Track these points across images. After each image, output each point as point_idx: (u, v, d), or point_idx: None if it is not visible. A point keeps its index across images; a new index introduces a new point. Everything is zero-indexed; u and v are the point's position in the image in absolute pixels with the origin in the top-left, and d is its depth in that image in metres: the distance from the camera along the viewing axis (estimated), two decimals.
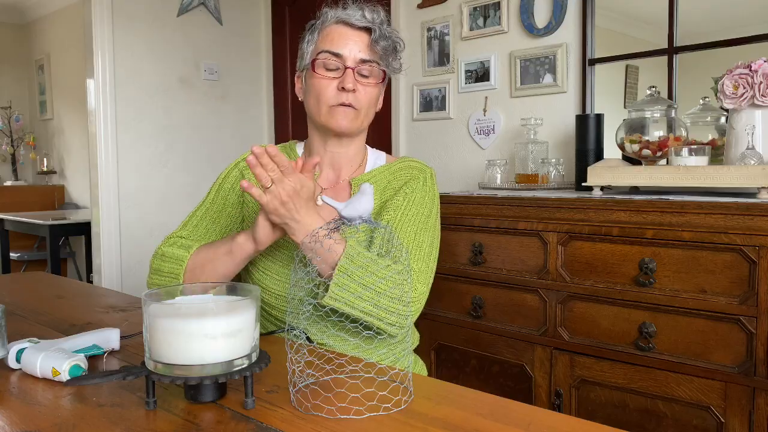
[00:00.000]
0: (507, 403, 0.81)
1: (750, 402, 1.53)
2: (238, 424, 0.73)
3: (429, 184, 1.24)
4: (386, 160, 1.30)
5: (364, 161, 1.28)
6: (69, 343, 0.95)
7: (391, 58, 1.20)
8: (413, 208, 1.19)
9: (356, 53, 1.16)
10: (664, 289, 1.66)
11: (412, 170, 1.25)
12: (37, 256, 5.04)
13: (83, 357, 0.89)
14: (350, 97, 1.16)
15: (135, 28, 3.42)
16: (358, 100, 1.17)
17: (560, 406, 1.87)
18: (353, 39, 1.17)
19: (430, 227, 1.20)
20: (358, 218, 0.85)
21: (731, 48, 2.05)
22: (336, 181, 1.25)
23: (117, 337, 1.01)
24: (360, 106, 1.18)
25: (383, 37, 1.17)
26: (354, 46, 1.16)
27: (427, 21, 2.97)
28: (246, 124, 3.87)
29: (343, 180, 1.25)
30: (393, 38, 1.19)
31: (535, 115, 2.52)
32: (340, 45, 1.16)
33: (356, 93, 1.16)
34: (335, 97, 1.16)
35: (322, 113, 1.18)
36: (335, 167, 1.25)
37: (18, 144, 5.76)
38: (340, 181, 1.25)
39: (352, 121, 1.18)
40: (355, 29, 1.17)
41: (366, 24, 1.17)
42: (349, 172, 1.26)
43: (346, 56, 1.16)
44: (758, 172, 1.59)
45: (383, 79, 1.20)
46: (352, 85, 1.15)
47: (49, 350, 0.89)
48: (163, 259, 1.17)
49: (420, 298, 1.13)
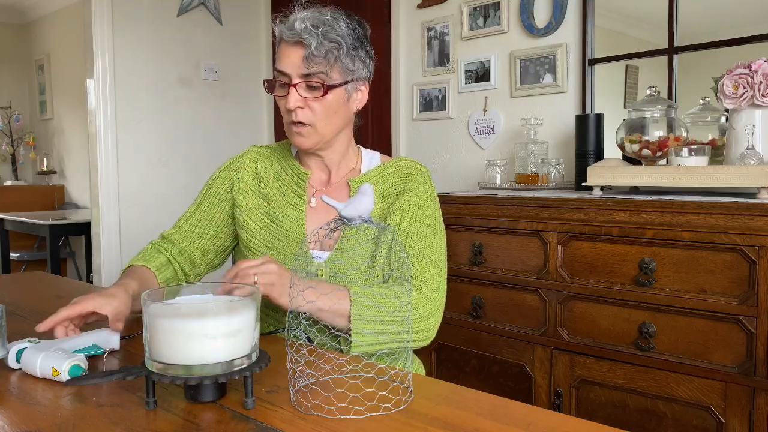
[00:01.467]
0: (507, 403, 0.81)
1: (750, 402, 1.53)
2: (238, 424, 0.73)
3: (428, 184, 1.25)
4: (381, 160, 1.30)
5: (358, 161, 1.29)
6: (69, 343, 0.95)
7: (339, 63, 1.13)
8: (420, 215, 1.20)
9: (297, 69, 1.12)
10: (664, 289, 1.66)
11: (411, 170, 1.25)
12: (37, 256, 5.04)
13: (83, 357, 0.89)
14: (299, 115, 1.14)
15: (135, 28, 3.42)
16: (308, 116, 1.15)
17: (560, 406, 1.87)
18: (291, 54, 1.12)
19: (437, 229, 1.22)
20: (358, 218, 0.85)
21: (731, 48, 2.05)
22: (328, 181, 1.27)
23: (117, 338, 1.01)
24: (311, 121, 1.15)
25: (321, 44, 1.10)
26: (293, 61, 1.12)
27: (427, 21, 2.97)
28: (246, 124, 3.87)
29: (338, 181, 1.26)
30: (335, 40, 1.12)
31: (535, 115, 2.52)
32: (283, 62, 1.14)
33: (305, 110, 1.14)
34: (288, 115, 1.16)
35: (286, 132, 1.20)
36: (324, 169, 1.27)
37: (18, 144, 5.76)
38: (332, 182, 1.26)
39: (308, 138, 1.17)
40: (291, 44, 1.13)
41: (296, 38, 1.11)
42: (341, 172, 1.27)
43: (289, 73, 1.13)
44: (758, 172, 1.59)
45: (326, 90, 1.12)
46: (294, 104, 1.13)
47: (49, 350, 0.89)
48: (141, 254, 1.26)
49: (437, 306, 1.16)
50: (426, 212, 1.21)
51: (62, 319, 0.99)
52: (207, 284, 0.89)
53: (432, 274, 1.17)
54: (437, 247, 1.20)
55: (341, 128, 1.22)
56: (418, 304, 1.13)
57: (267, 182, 1.27)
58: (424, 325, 1.12)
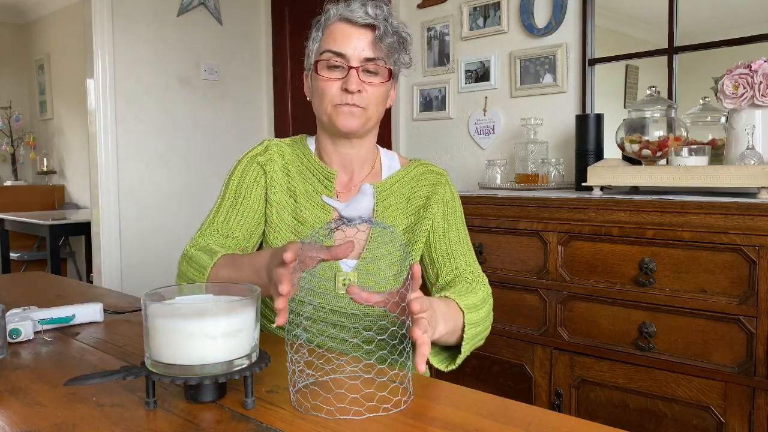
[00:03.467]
0: (507, 403, 0.81)
1: (750, 402, 1.53)
2: (238, 424, 0.73)
3: (451, 185, 1.28)
4: (399, 162, 1.28)
5: (377, 162, 1.26)
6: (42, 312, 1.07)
7: (398, 53, 1.15)
8: (451, 215, 1.24)
9: (360, 52, 1.12)
10: (664, 289, 1.66)
11: (433, 174, 1.25)
12: (37, 256, 5.04)
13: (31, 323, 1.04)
14: (355, 98, 1.12)
15: (135, 28, 3.42)
16: (364, 100, 1.13)
17: (560, 406, 1.87)
18: (356, 37, 1.12)
19: (466, 227, 1.27)
20: (358, 218, 0.85)
21: (731, 48, 2.05)
22: (349, 183, 1.22)
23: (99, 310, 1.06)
24: (366, 104, 1.14)
25: (388, 33, 1.12)
26: (358, 44, 1.12)
27: (427, 21, 2.97)
28: (246, 124, 3.87)
29: (359, 184, 1.22)
30: (400, 33, 1.14)
31: (535, 115, 2.52)
32: (343, 44, 1.12)
33: (361, 93, 1.13)
34: (339, 97, 1.13)
35: (328, 113, 1.15)
36: (347, 169, 1.22)
37: (18, 144, 5.76)
38: (353, 185, 1.22)
39: (358, 119, 1.14)
40: (358, 27, 1.12)
41: (369, 21, 1.11)
42: (362, 173, 1.23)
43: (349, 56, 1.11)
44: (758, 172, 1.59)
45: (389, 77, 1.15)
46: (356, 86, 1.11)
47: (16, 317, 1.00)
48: (190, 263, 1.10)
49: (490, 294, 1.18)
50: (456, 212, 1.25)
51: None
52: (207, 284, 0.89)
53: (479, 267, 1.21)
54: (470, 244, 1.25)
55: (379, 120, 1.21)
56: (486, 298, 1.15)
57: (294, 179, 1.21)
58: (491, 317, 1.15)
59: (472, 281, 1.16)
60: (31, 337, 1.08)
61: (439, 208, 1.22)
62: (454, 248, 1.19)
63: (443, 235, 1.21)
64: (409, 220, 1.22)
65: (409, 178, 1.24)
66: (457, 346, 1.03)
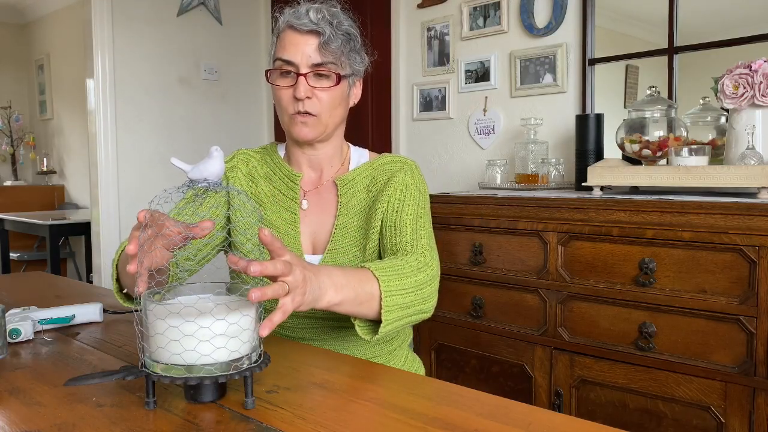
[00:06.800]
0: (507, 403, 0.81)
1: (750, 402, 1.53)
2: (238, 424, 0.73)
3: (416, 174, 1.24)
4: (369, 157, 1.30)
5: (346, 159, 1.28)
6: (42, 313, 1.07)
7: (346, 55, 1.15)
8: (409, 192, 1.19)
9: (307, 58, 1.12)
10: (664, 289, 1.66)
11: (396, 163, 1.25)
12: (37, 256, 5.03)
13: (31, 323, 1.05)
14: (306, 105, 1.14)
15: (135, 28, 3.42)
16: (315, 106, 1.14)
17: (560, 406, 1.87)
18: (303, 43, 1.12)
19: (427, 212, 1.21)
20: (204, 180, 0.86)
21: (731, 48, 2.05)
22: (318, 181, 1.25)
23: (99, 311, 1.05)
24: (318, 111, 1.15)
25: (334, 37, 1.12)
26: (305, 50, 1.12)
27: (427, 21, 2.97)
28: (246, 124, 3.87)
29: (327, 180, 1.25)
30: (346, 33, 1.15)
31: (535, 115, 2.52)
32: (291, 51, 1.13)
33: (312, 99, 1.14)
34: (293, 105, 1.15)
35: (285, 122, 1.18)
36: (315, 168, 1.25)
37: (18, 144, 5.76)
38: (323, 182, 1.24)
39: (312, 129, 1.16)
40: (303, 33, 1.13)
41: (312, 27, 1.12)
42: (331, 171, 1.26)
43: (297, 62, 1.13)
44: (758, 172, 1.59)
45: (338, 80, 1.15)
46: (304, 93, 1.12)
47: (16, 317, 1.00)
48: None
49: (436, 274, 1.12)
50: (414, 194, 1.20)
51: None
52: (207, 284, 0.89)
53: (428, 244, 1.15)
54: (428, 222, 1.20)
55: (340, 121, 1.22)
56: (420, 269, 1.09)
57: (259, 185, 1.25)
58: (430, 292, 1.09)
59: (410, 252, 1.11)
60: (31, 337, 1.08)
61: (395, 190, 1.19)
62: (402, 224, 1.16)
63: (394, 215, 1.17)
64: (366, 209, 1.21)
65: (373, 169, 1.24)
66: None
